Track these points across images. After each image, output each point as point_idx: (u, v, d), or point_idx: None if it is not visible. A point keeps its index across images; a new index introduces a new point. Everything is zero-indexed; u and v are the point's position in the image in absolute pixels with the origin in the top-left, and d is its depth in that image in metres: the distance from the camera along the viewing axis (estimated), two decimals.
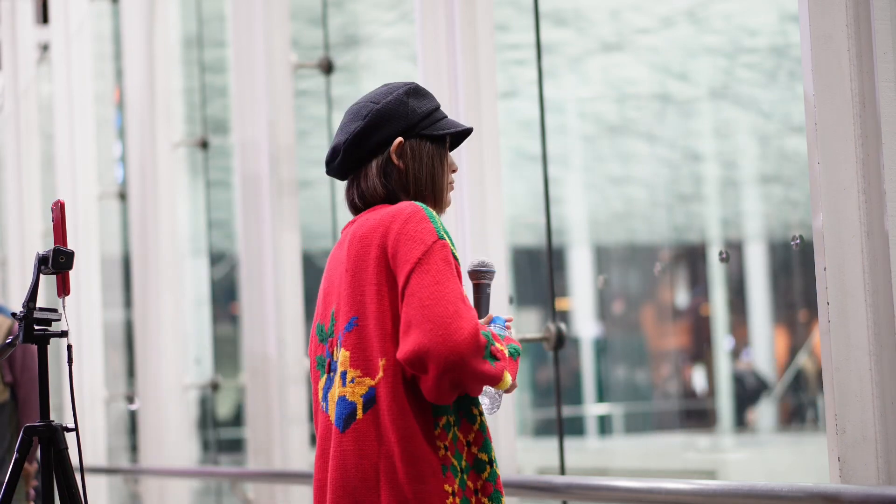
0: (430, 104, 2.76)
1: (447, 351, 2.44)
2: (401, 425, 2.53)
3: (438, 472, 2.54)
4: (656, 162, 12.42)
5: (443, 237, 2.58)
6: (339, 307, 2.65)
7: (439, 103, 2.82)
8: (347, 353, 2.59)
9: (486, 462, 2.61)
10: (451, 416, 2.59)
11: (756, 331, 14.02)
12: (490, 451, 2.62)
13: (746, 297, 13.89)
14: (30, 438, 2.91)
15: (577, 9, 9.69)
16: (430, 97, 2.78)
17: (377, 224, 2.62)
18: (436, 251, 2.55)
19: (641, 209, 13.53)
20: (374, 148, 2.71)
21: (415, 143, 2.72)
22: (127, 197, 8.36)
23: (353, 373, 2.58)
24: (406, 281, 2.52)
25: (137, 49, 7.88)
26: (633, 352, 14.37)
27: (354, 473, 2.54)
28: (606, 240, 14.60)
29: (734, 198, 13.21)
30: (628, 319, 14.42)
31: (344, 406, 2.58)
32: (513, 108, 9.38)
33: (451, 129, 2.75)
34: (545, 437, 11.54)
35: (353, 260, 2.62)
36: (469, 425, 2.60)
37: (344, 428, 2.58)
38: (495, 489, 2.61)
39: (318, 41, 6.57)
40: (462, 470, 2.58)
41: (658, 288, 14.39)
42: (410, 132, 2.71)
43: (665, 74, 10.96)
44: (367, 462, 2.55)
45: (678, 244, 13.95)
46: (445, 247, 2.56)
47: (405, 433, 2.53)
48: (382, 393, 2.54)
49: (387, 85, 2.78)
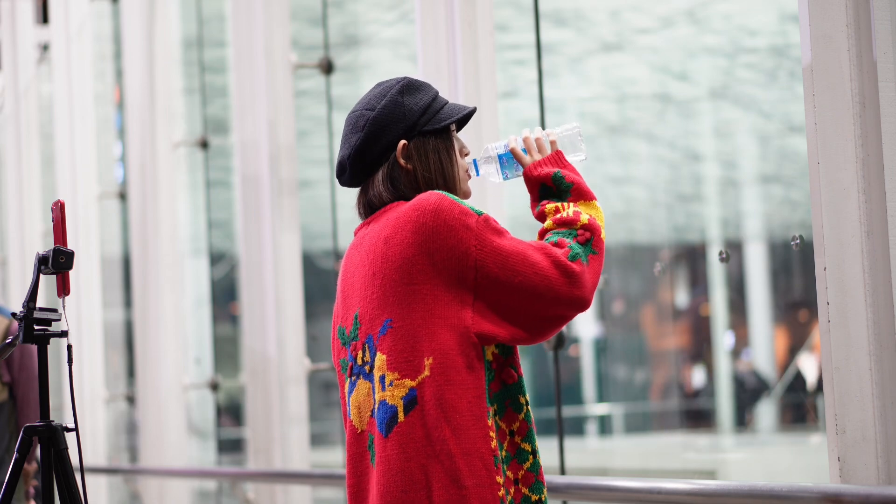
0: (427, 96, 2.69)
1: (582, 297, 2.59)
2: (453, 420, 2.50)
3: (491, 465, 2.51)
4: (656, 162, 12.42)
5: (480, 212, 2.58)
6: (366, 310, 2.60)
7: (436, 90, 2.75)
8: (384, 357, 2.55)
9: (528, 452, 2.60)
10: (495, 404, 2.58)
11: (756, 331, 14.02)
12: (534, 442, 2.61)
13: (746, 297, 13.89)
14: (30, 438, 2.91)
15: (577, 9, 9.68)
16: (425, 89, 2.71)
17: (403, 222, 2.56)
18: (486, 222, 2.57)
19: (641, 209, 13.52)
20: (378, 157, 2.66)
21: (419, 142, 2.67)
22: (127, 197, 8.36)
23: (391, 376, 2.54)
24: (476, 272, 2.53)
25: (137, 49, 7.88)
26: (633, 352, 14.37)
27: (401, 478, 2.51)
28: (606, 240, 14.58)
29: (734, 198, 13.21)
30: (628, 319, 14.42)
31: (385, 410, 2.54)
32: (513, 108, 9.37)
33: (453, 117, 2.70)
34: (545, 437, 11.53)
35: (380, 261, 2.57)
36: (515, 414, 2.60)
37: (387, 433, 2.53)
38: (537, 479, 2.59)
39: (318, 41, 6.56)
40: (503, 460, 2.57)
41: (658, 288, 14.38)
42: (412, 132, 2.66)
43: (665, 74, 10.96)
44: (414, 464, 2.51)
45: (678, 244, 13.95)
46: (488, 219, 2.58)
47: (458, 428, 2.50)
48: (428, 392, 2.50)
49: (380, 85, 2.72)
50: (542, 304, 2.54)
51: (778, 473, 8.82)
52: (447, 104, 2.73)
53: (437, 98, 2.72)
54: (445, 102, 2.73)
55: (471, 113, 2.76)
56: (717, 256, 12.88)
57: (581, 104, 11.61)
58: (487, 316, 2.54)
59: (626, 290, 14.36)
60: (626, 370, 14.37)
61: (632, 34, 10.29)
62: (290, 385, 6.02)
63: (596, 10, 9.90)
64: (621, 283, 14.21)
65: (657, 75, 10.97)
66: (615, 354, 14.17)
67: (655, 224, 13.56)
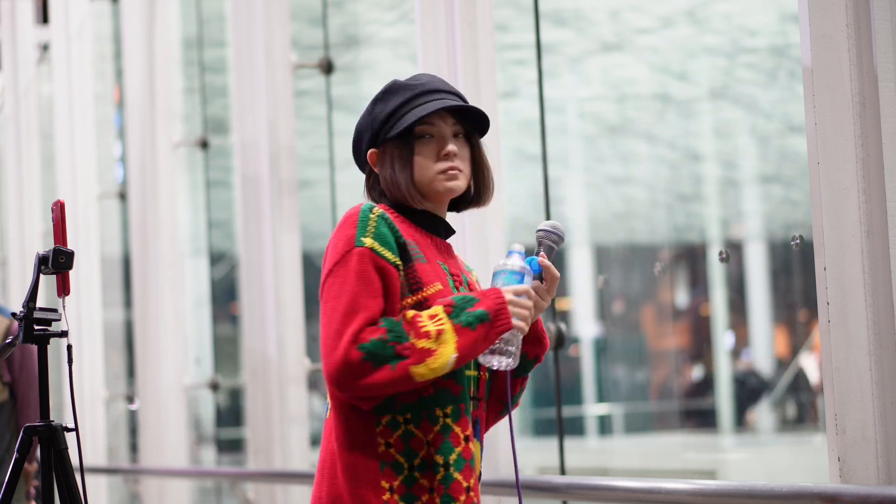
0: (397, 101, 2.68)
1: (328, 377, 2.55)
2: (340, 423, 2.61)
3: (375, 469, 2.57)
4: (656, 162, 12.42)
5: (361, 243, 2.57)
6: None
7: (419, 91, 2.69)
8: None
9: (440, 465, 2.59)
10: (405, 414, 2.60)
11: (756, 331, 14.02)
12: (447, 455, 2.60)
13: (746, 297, 13.89)
14: (30, 438, 2.91)
15: (577, 9, 9.69)
16: (401, 92, 2.70)
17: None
18: (347, 261, 2.57)
19: (641, 209, 13.53)
20: (362, 165, 2.76)
21: (382, 150, 2.70)
22: (127, 197, 8.36)
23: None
24: (320, 293, 2.61)
25: (137, 49, 7.89)
26: (633, 352, 14.37)
27: (321, 459, 2.67)
28: (606, 240, 14.61)
29: (734, 198, 13.22)
30: (628, 319, 14.42)
31: (326, 404, 2.70)
32: (513, 108, 9.38)
33: (406, 123, 2.64)
34: (545, 437, 11.54)
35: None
36: (430, 426, 2.60)
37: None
38: (446, 493, 2.59)
39: (318, 41, 6.56)
40: (413, 467, 2.59)
41: (658, 288, 14.39)
42: (377, 140, 2.70)
43: (665, 74, 10.96)
44: (325, 454, 2.66)
45: (678, 244, 13.96)
46: (360, 254, 2.56)
47: (343, 431, 2.60)
48: (331, 393, 2.63)
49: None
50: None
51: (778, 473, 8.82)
52: (420, 105, 2.68)
53: (410, 101, 2.69)
54: (422, 103, 2.68)
55: (439, 110, 2.68)
56: (717, 256, 12.88)
57: (581, 104, 11.62)
58: None
59: (626, 290, 14.37)
60: (626, 370, 14.37)
61: (632, 34, 10.29)
62: (290, 385, 6.02)
63: (596, 10, 9.91)
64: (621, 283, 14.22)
65: (657, 75, 10.97)
66: (615, 354, 14.17)
67: (655, 224, 13.57)
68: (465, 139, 2.72)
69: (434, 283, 2.63)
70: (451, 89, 2.73)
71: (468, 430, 2.63)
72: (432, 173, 2.68)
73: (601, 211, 13.81)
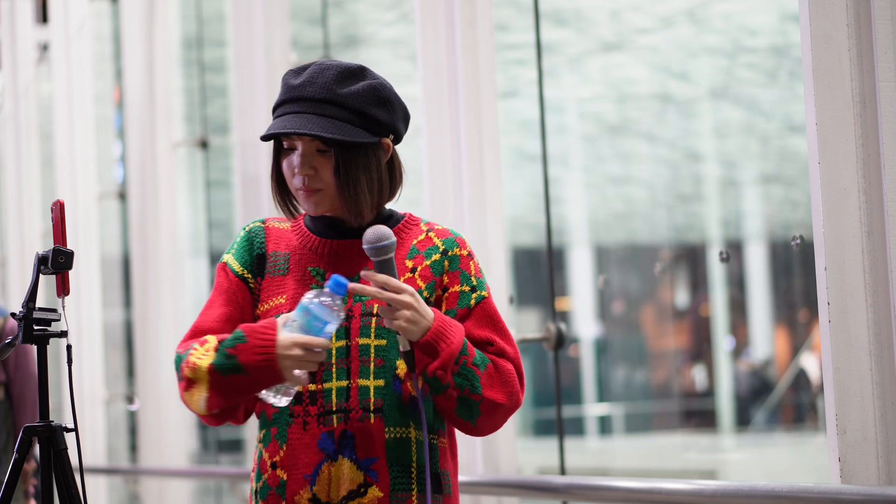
0: (276, 100, 2.50)
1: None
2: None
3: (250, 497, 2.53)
4: (656, 162, 12.43)
5: (222, 258, 2.57)
6: None
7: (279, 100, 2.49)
8: None
9: (253, 491, 2.49)
10: (262, 431, 2.51)
11: (756, 331, 14.02)
12: (256, 482, 2.48)
13: (746, 297, 13.89)
14: (29, 439, 2.91)
15: (577, 9, 9.69)
16: (281, 90, 2.50)
17: None
18: (216, 275, 2.58)
19: (641, 209, 13.53)
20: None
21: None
22: (127, 197, 8.35)
23: None
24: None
25: (137, 49, 7.88)
26: (633, 352, 14.37)
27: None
28: (606, 240, 14.61)
29: (734, 198, 13.21)
30: (628, 319, 14.43)
31: None
32: (513, 108, 9.37)
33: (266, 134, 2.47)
34: (545, 437, 11.54)
35: None
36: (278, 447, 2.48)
37: None
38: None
39: (318, 41, 6.56)
40: (257, 491, 2.49)
41: (658, 288, 14.39)
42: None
43: (665, 74, 10.96)
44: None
45: (678, 244, 13.95)
46: (218, 269, 2.57)
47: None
48: None
49: None
50: None
51: (778, 474, 8.82)
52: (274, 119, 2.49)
53: (275, 109, 2.51)
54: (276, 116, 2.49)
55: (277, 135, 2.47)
56: (717, 256, 12.88)
57: (581, 104, 11.62)
58: None
59: (626, 290, 14.37)
60: (626, 370, 14.37)
61: (632, 34, 10.29)
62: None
63: (596, 10, 9.91)
64: (621, 283, 14.22)
65: (657, 75, 10.98)
66: (615, 354, 14.18)
67: (655, 224, 13.57)
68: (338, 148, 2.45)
69: (272, 299, 2.49)
70: (312, 95, 2.45)
71: (278, 455, 2.45)
72: (293, 189, 2.52)
73: (601, 211, 13.81)
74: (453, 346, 2.39)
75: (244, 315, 2.51)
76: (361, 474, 2.42)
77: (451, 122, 4.38)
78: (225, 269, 2.57)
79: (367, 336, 2.46)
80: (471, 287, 2.53)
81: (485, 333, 2.50)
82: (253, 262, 2.53)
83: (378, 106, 2.47)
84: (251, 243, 2.55)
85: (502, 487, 4.01)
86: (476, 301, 2.52)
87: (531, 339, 4.43)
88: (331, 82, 2.46)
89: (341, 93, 2.45)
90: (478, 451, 4.26)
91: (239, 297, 2.52)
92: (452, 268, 2.53)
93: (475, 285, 2.54)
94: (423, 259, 2.53)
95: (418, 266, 2.52)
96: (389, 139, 2.51)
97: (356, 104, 2.46)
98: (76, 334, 8.71)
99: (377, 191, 2.48)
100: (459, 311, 2.50)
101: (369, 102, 2.47)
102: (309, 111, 2.43)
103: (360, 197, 2.45)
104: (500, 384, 2.46)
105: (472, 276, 2.54)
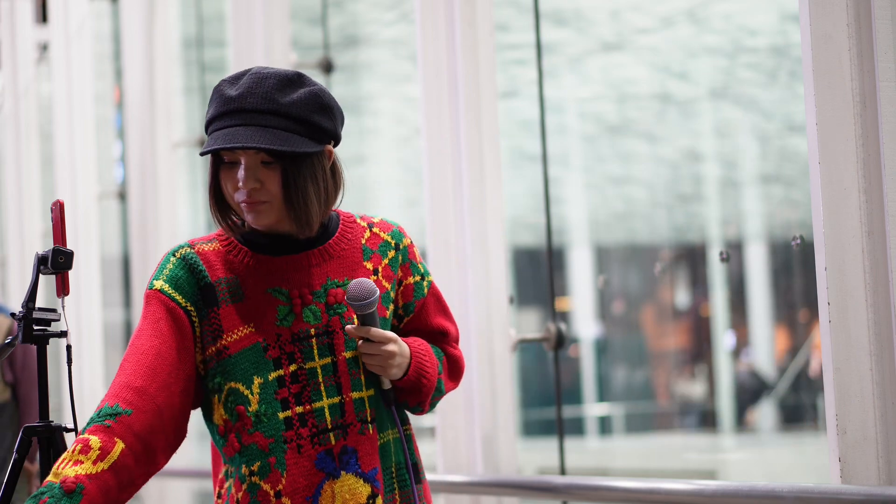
0: (208, 114, 2.42)
1: None
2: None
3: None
4: (656, 162, 12.42)
5: (151, 285, 2.46)
6: None
7: (213, 113, 2.42)
8: None
9: None
10: (234, 467, 2.47)
11: (756, 331, 14.02)
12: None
13: (746, 297, 13.89)
14: (29, 439, 2.91)
15: (577, 9, 9.69)
16: (212, 103, 2.42)
17: None
18: (145, 304, 2.48)
19: (641, 209, 13.53)
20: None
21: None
22: (127, 197, 8.35)
23: None
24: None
25: (137, 49, 7.88)
26: (633, 352, 14.37)
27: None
28: (606, 240, 14.60)
29: (734, 198, 13.21)
30: (628, 319, 14.42)
31: None
32: (513, 108, 9.37)
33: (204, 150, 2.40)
34: (545, 437, 11.54)
35: None
36: (240, 483, 2.44)
37: None
38: None
39: (318, 41, 6.56)
40: None
41: (658, 288, 14.39)
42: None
43: (665, 74, 10.96)
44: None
45: (678, 244, 13.95)
46: (148, 297, 2.46)
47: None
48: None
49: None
50: None
51: (778, 474, 8.82)
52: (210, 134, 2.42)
53: (209, 123, 2.43)
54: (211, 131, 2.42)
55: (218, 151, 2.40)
56: (717, 256, 12.88)
57: (581, 104, 11.62)
58: None
59: (626, 290, 14.37)
60: (626, 370, 14.37)
61: (632, 34, 10.29)
62: None
63: (596, 10, 9.91)
64: (621, 283, 14.22)
65: (657, 75, 10.97)
66: (615, 354, 14.17)
67: (655, 224, 13.56)
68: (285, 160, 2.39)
69: (237, 329, 2.42)
70: (254, 107, 2.38)
71: (280, 484, 2.41)
72: (236, 203, 2.44)
73: (601, 211, 13.81)
74: (433, 380, 2.51)
75: (181, 350, 2.42)
76: (368, 486, 2.43)
77: (451, 122, 4.38)
78: (159, 297, 2.45)
79: (352, 349, 2.46)
80: (420, 276, 2.58)
81: (438, 321, 2.59)
82: (197, 295, 2.44)
83: (320, 113, 2.41)
84: (191, 273, 2.45)
85: (502, 487, 4.01)
86: (427, 288, 2.60)
87: (531, 339, 4.43)
88: (271, 91, 2.38)
89: (283, 102, 2.38)
90: (478, 451, 4.26)
91: (181, 328, 2.43)
92: (404, 260, 2.56)
93: (423, 273, 2.59)
94: (381, 258, 2.53)
95: (378, 266, 2.52)
96: (331, 145, 2.47)
97: (299, 113, 2.39)
98: (76, 334, 8.70)
99: (325, 200, 2.45)
100: (417, 302, 2.57)
101: (312, 110, 2.40)
102: (252, 123, 2.36)
103: (310, 208, 2.41)
104: (455, 376, 2.63)
105: (419, 263, 2.59)
